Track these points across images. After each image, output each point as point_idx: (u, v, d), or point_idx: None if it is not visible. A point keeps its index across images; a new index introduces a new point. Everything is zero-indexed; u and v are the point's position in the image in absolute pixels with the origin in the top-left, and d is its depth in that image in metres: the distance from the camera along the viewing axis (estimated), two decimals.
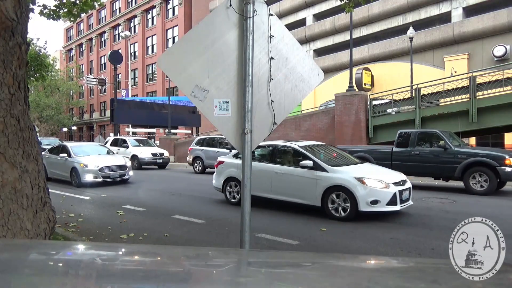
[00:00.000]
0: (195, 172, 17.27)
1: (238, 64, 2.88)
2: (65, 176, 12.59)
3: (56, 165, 13.10)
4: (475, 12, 22.93)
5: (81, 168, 11.98)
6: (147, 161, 19.04)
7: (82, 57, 55.83)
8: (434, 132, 11.10)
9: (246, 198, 2.85)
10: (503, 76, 13.29)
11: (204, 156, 16.87)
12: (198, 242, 5.63)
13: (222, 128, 2.95)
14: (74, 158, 12.48)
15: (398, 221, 6.77)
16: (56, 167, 13.13)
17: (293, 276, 1.13)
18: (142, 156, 18.90)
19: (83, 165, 12.01)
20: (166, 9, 42.74)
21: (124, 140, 20.87)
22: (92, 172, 11.96)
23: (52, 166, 13.25)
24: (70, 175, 12.34)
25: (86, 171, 11.94)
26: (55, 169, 13.17)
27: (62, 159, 12.74)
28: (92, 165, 12.03)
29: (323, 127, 18.34)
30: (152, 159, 19.16)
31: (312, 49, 31.68)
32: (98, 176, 11.97)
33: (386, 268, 1.24)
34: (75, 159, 12.39)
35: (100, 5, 8.73)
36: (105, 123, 48.12)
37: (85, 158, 12.38)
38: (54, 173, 13.21)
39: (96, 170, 11.99)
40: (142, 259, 1.33)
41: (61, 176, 12.89)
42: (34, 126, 2.81)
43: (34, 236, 2.49)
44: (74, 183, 12.15)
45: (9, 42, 2.46)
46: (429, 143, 11.04)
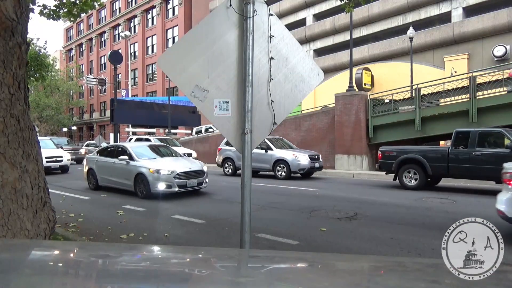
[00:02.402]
0: (225, 174, 15.94)
1: (238, 64, 2.88)
2: (126, 185, 10.12)
3: (112, 170, 10.66)
4: (475, 12, 22.93)
5: (151, 175, 9.41)
6: None
7: (82, 57, 55.83)
8: (499, 131, 10.01)
9: (246, 198, 2.85)
10: (503, 76, 13.29)
11: (235, 156, 15.40)
12: (198, 242, 5.63)
13: (222, 128, 2.95)
14: (139, 161, 10.02)
15: (398, 221, 6.77)
16: (111, 173, 10.70)
17: (293, 276, 1.13)
18: None
19: (153, 171, 9.42)
20: (166, 9, 42.75)
21: (147, 140, 19.65)
22: (165, 179, 9.35)
23: (105, 171, 10.96)
24: (134, 184, 9.84)
25: (158, 178, 9.35)
26: (111, 176, 10.70)
27: (121, 163, 10.23)
28: (166, 171, 9.43)
29: (323, 127, 18.34)
30: None
31: (312, 49, 31.68)
32: (173, 185, 9.35)
33: (386, 268, 1.24)
34: (140, 163, 9.90)
35: (100, 5, 8.73)
36: (105, 123, 48.12)
37: (153, 162, 10.00)
38: (109, 181, 10.86)
39: (170, 177, 9.37)
40: (142, 259, 1.33)
41: (119, 184, 10.46)
42: (34, 126, 2.81)
43: (34, 236, 2.49)
44: (141, 194, 9.64)
45: (9, 42, 2.46)
46: (492, 143, 10.08)
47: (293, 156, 14.02)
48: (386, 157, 11.57)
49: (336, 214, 7.37)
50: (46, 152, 15.84)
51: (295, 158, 13.92)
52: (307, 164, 13.95)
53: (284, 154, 14.29)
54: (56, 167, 16.90)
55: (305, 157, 14.04)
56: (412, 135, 15.55)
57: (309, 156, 14.18)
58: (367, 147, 16.60)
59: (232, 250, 2.28)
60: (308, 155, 14.29)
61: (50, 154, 16.64)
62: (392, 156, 11.37)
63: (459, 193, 9.96)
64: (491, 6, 22.16)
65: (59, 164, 17.01)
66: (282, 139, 16.08)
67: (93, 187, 11.45)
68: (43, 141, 17.37)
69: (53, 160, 16.74)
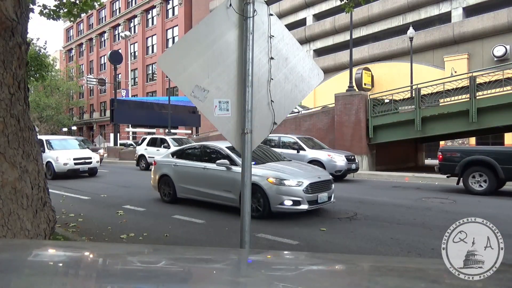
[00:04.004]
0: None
1: (238, 64, 2.88)
2: (227, 199, 7.49)
3: (202, 179, 8.04)
4: (475, 12, 22.94)
5: (271, 187, 6.82)
6: None
7: (82, 57, 55.84)
8: None
9: (246, 198, 2.85)
10: (503, 76, 13.29)
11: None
12: (198, 242, 5.63)
13: (222, 128, 2.95)
14: (261, 169, 7.31)
15: (398, 221, 6.77)
16: (200, 182, 8.07)
17: (293, 276, 1.13)
18: None
19: (273, 181, 6.86)
20: (166, 9, 42.76)
21: (164, 139, 18.81)
22: (292, 193, 6.79)
23: (189, 180, 8.30)
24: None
25: (281, 191, 6.79)
26: (199, 185, 8.06)
27: (217, 169, 7.65)
28: (292, 181, 6.88)
29: (323, 127, 18.35)
30: None
31: (312, 49, 31.69)
32: (302, 201, 6.80)
33: (386, 268, 1.24)
34: (266, 171, 7.22)
35: (100, 5, 8.73)
36: (105, 123, 48.14)
37: (267, 169, 7.31)
38: (195, 192, 8.18)
39: (298, 191, 6.79)
40: (142, 259, 1.33)
41: (213, 197, 7.82)
42: (34, 126, 2.81)
43: (34, 236, 2.49)
44: (255, 212, 6.85)
45: (9, 42, 2.46)
46: None
47: (328, 156, 13.01)
48: (448, 159, 10.53)
49: (336, 214, 7.37)
50: (73, 153, 14.92)
51: (331, 159, 12.91)
52: (344, 166, 12.91)
53: (318, 154, 13.24)
54: (84, 169, 14.97)
55: (342, 158, 13.03)
56: (412, 135, 15.55)
57: (345, 157, 13.15)
58: (367, 147, 16.61)
59: (232, 250, 2.28)
60: (345, 155, 13.25)
61: (78, 155, 14.92)
62: (455, 158, 10.34)
63: (459, 193, 9.96)
64: (491, 6, 22.17)
65: (87, 167, 14.99)
66: (312, 138, 15.14)
67: (168, 199, 8.76)
68: (67, 140, 16.67)
69: (81, 162, 14.83)
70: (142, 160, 18.90)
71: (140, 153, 19.18)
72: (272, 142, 14.21)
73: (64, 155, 14.54)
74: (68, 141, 16.62)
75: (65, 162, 14.38)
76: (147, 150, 18.59)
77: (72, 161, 14.54)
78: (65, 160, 14.39)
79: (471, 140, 23.19)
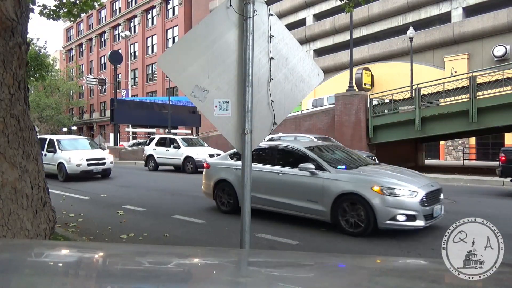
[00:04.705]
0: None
1: (238, 64, 2.88)
2: (313, 211, 6.15)
3: (275, 186, 6.67)
4: (475, 12, 22.95)
5: (379, 198, 5.50)
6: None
7: (82, 57, 55.86)
8: None
9: (246, 198, 2.85)
10: (503, 76, 13.29)
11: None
12: (198, 242, 5.63)
13: (222, 128, 2.95)
14: (335, 173, 6.04)
15: None
16: (272, 189, 6.68)
17: (293, 276, 1.13)
18: (198, 158, 15.92)
19: (381, 191, 5.51)
20: (166, 9, 42.77)
21: (173, 139, 18.22)
22: (406, 206, 5.47)
23: (258, 186, 6.31)
24: (333, 210, 5.88)
25: (391, 203, 5.47)
26: (272, 194, 6.67)
27: (299, 175, 6.33)
28: (405, 190, 5.56)
29: (323, 127, 18.36)
30: None
31: (312, 49, 31.70)
32: (418, 215, 5.47)
33: (386, 268, 1.24)
34: (342, 176, 5.98)
35: (100, 5, 8.73)
36: (105, 123, 48.15)
37: (365, 174, 6.09)
38: (264, 201, 6.71)
39: (413, 203, 5.48)
40: (142, 259, 1.33)
41: (293, 208, 6.43)
42: (34, 126, 2.81)
43: (34, 236, 2.49)
44: (353, 229, 5.67)
45: (9, 42, 2.46)
46: None
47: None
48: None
49: None
50: (86, 153, 14.12)
51: None
52: None
53: None
54: (98, 171, 14.06)
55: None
56: (412, 135, 15.56)
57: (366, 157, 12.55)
58: (367, 147, 16.60)
59: (232, 250, 2.28)
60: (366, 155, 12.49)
61: (91, 156, 14.07)
62: None
63: (459, 193, 9.95)
64: (491, 6, 22.18)
65: (101, 168, 14.12)
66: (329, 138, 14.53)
67: (227, 208, 7.40)
68: (77, 140, 15.81)
69: (95, 162, 13.94)
70: (151, 160, 18.37)
71: (148, 153, 18.61)
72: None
73: (77, 155, 13.70)
74: (79, 140, 15.76)
75: (78, 163, 13.50)
76: (156, 150, 18.15)
77: (85, 162, 13.68)
78: (78, 161, 13.52)
79: (471, 140, 23.21)
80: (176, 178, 14.60)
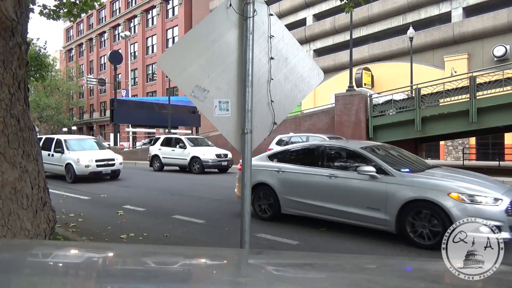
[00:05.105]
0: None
1: (238, 64, 2.88)
2: (371, 219, 5.47)
3: (328, 191, 5.98)
4: (475, 12, 22.95)
5: (458, 207, 4.76)
6: (211, 163, 15.94)
7: (82, 57, 55.86)
8: None
9: (246, 198, 2.85)
10: (503, 76, 13.29)
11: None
12: (198, 242, 5.63)
13: (222, 128, 2.95)
14: (406, 177, 5.32)
15: None
16: (324, 194, 6.01)
17: (293, 276, 1.13)
18: (205, 158, 15.86)
19: (459, 198, 4.81)
20: (166, 9, 42.78)
21: (179, 139, 17.95)
22: (491, 215, 4.63)
23: (304, 191, 6.27)
24: (406, 223, 5.11)
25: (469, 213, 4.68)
26: (324, 200, 6.01)
27: (357, 179, 5.66)
28: (488, 199, 4.80)
29: (323, 127, 18.36)
30: (217, 162, 16.04)
31: (312, 49, 31.70)
32: (504, 226, 4.62)
33: (386, 268, 1.24)
34: (418, 182, 5.22)
35: (100, 5, 8.73)
36: (105, 123, 48.16)
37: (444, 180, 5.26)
38: (314, 208, 6.14)
39: (499, 212, 4.71)
40: (142, 259, 1.33)
41: (349, 216, 5.73)
42: (34, 126, 2.81)
43: (34, 236, 2.49)
44: (427, 240, 5.00)
45: (9, 42, 2.46)
46: None
47: None
48: None
49: None
50: (94, 154, 13.65)
51: None
52: None
53: None
54: (107, 172, 13.65)
55: None
56: (412, 135, 15.55)
57: None
58: None
59: (232, 250, 2.28)
60: None
61: (100, 157, 13.62)
62: None
63: None
64: (491, 6, 22.19)
65: (110, 169, 13.72)
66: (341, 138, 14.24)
67: (267, 215, 6.76)
68: (85, 140, 15.38)
69: (104, 164, 13.55)
70: (156, 160, 18.11)
71: (153, 153, 18.33)
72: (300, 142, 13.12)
73: (86, 156, 13.27)
74: (86, 140, 15.33)
75: (87, 164, 13.09)
76: (161, 150, 17.95)
77: (94, 163, 13.24)
78: (87, 162, 13.10)
79: (471, 140, 23.20)
80: (182, 178, 14.50)
